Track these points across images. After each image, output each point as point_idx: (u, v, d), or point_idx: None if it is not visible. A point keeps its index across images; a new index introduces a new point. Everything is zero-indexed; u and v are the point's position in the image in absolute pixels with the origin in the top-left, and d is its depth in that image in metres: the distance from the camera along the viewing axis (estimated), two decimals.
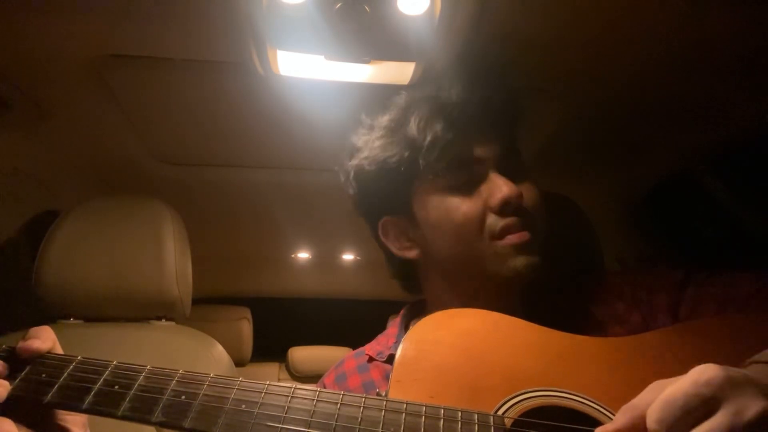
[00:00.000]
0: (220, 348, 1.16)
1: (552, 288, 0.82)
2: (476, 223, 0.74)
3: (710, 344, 0.63)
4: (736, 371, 0.45)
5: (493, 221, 0.74)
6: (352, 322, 2.88)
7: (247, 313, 2.87)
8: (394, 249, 0.85)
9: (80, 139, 1.26)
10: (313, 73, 0.93)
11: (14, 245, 1.32)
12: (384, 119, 0.81)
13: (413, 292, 0.90)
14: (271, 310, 3.02)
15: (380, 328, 0.95)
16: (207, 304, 2.71)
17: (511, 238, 0.73)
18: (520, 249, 0.73)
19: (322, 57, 0.86)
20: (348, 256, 2.32)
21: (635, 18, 0.79)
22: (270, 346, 3.07)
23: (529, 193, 0.76)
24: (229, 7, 0.77)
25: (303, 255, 2.32)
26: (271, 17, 0.80)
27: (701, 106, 1.02)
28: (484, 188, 0.75)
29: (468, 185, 0.75)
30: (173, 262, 1.14)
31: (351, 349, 0.95)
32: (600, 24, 0.81)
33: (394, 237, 0.84)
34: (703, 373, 0.45)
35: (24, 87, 1.03)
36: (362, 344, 0.93)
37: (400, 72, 0.92)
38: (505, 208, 0.73)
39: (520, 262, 0.72)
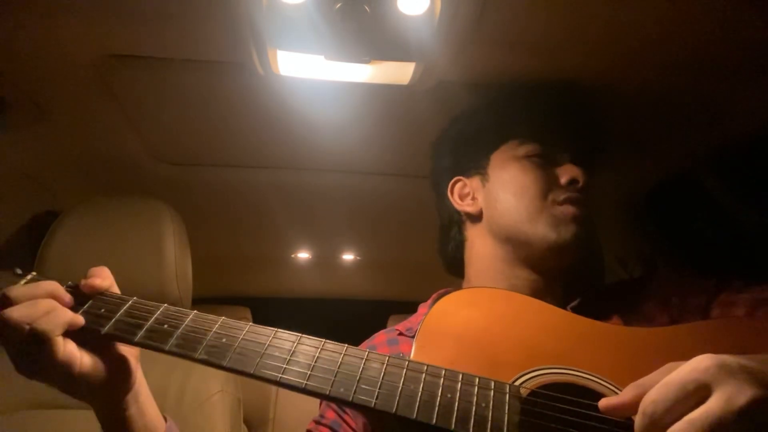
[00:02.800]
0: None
1: (582, 286, 0.86)
2: (544, 186, 0.83)
3: (729, 341, 0.64)
4: (732, 359, 0.47)
5: (559, 190, 0.83)
6: (352, 322, 2.88)
7: (247, 313, 2.86)
8: (455, 203, 0.93)
9: (80, 139, 1.26)
10: (313, 73, 0.93)
11: (14, 245, 1.32)
12: (487, 97, 0.94)
13: (453, 272, 0.97)
14: (271, 310, 3.02)
15: (380, 328, 0.95)
16: (207, 304, 2.70)
17: (570, 208, 0.81)
18: (574, 219, 0.81)
19: (322, 57, 0.86)
20: (348, 256, 2.32)
21: (635, 18, 0.79)
22: None
23: (590, 186, 0.86)
24: (229, 7, 0.77)
25: (303, 255, 2.31)
26: (271, 17, 0.80)
27: (702, 106, 1.02)
28: (556, 168, 0.86)
29: (545, 160, 0.86)
30: (173, 262, 1.14)
31: None
32: (600, 25, 0.81)
33: (460, 195, 0.94)
34: (701, 361, 0.47)
35: (24, 87, 1.03)
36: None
37: (400, 72, 0.92)
38: (572, 184, 0.83)
39: (571, 230, 0.80)
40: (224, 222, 1.83)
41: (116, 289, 0.72)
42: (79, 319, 0.64)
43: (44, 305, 0.62)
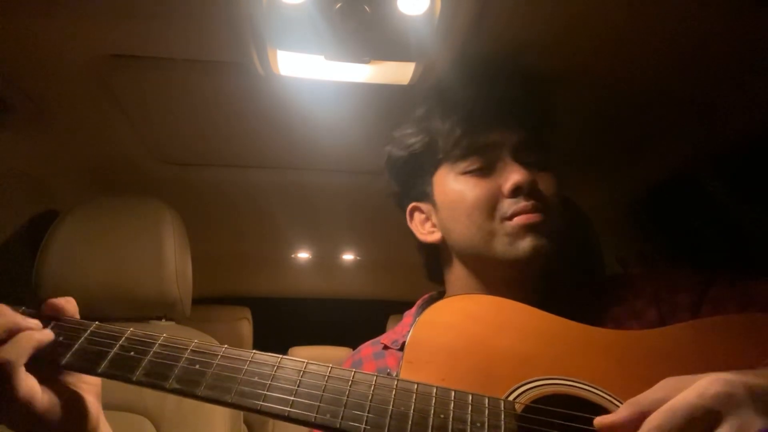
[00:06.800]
0: (219, 344, 1.16)
1: (568, 283, 0.83)
2: (488, 204, 0.77)
3: (724, 341, 0.63)
4: (740, 382, 0.46)
5: (505, 204, 0.77)
6: (352, 322, 2.88)
7: (247, 313, 2.87)
8: (417, 233, 0.89)
9: (80, 139, 1.26)
10: (313, 73, 0.93)
11: (14, 245, 1.32)
12: (417, 112, 0.87)
13: (436, 280, 0.93)
14: (271, 310, 3.02)
15: (380, 328, 0.95)
16: (207, 304, 2.70)
17: (520, 219, 0.75)
18: (528, 229, 0.75)
19: (322, 57, 0.86)
20: (348, 256, 2.32)
21: (636, 18, 0.79)
22: (270, 346, 3.05)
23: (544, 181, 0.78)
24: (229, 7, 0.77)
25: (303, 255, 2.32)
26: (271, 17, 0.80)
27: (702, 106, 1.02)
28: (498, 174, 0.78)
29: (484, 171, 0.79)
30: (173, 262, 1.14)
31: (351, 349, 0.96)
32: (600, 25, 0.81)
33: (419, 222, 0.89)
34: (710, 387, 0.45)
35: (24, 87, 1.03)
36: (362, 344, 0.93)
37: (400, 72, 0.92)
38: (516, 192, 0.76)
39: (527, 242, 0.74)
40: (224, 222, 1.83)
41: (76, 314, 0.65)
42: (48, 334, 0.58)
43: (5, 327, 0.56)
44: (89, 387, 0.64)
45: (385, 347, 0.87)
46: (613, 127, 1.14)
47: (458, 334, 0.64)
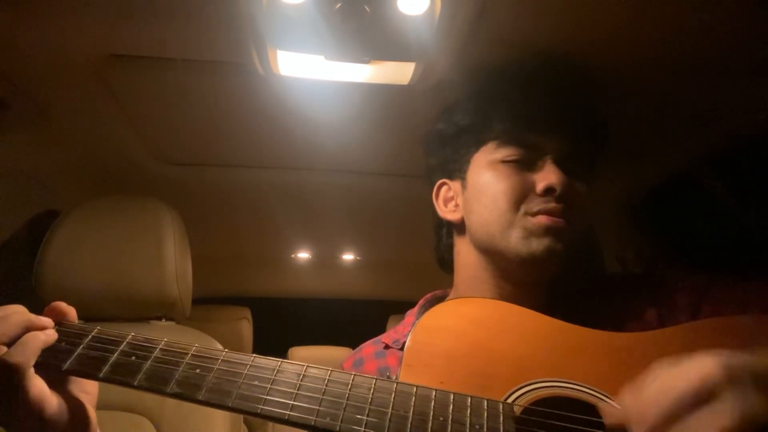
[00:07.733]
0: (220, 348, 1.16)
1: (570, 285, 0.83)
2: (517, 195, 0.77)
3: (724, 343, 0.63)
4: (736, 359, 0.46)
5: (534, 201, 0.77)
6: (352, 322, 2.88)
7: (247, 313, 2.87)
8: (439, 209, 0.90)
9: (80, 139, 1.26)
10: (313, 73, 0.93)
11: (14, 245, 1.32)
12: (471, 90, 0.89)
13: (444, 266, 0.94)
14: (271, 310, 3.02)
15: (380, 328, 0.95)
16: (207, 304, 2.70)
17: (544, 219, 0.75)
18: (549, 231, 0.75)
19: (322, 57, 0.86)
20: (348, 256, 2.32)
21: (637, 18, 0.80)
22: (270, 346, 3.07)
23: (577, 191, 0.78)
24: (229, 7, 0.77)
25: (303, 255, 2.32)
26: (271, 17, 0.80)
27: (702, 106, 1.02)
28: (535, 172, 0.79)
29: (522, 164, 0.79)
30: (173, 262, 1.14)
31: (351, 349, 0.96)
32: (600, 25, 0.81)
33: (443, 199, 0.90)
34: (705, 365, 0.46)
35: (24, 87, 1.03)
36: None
37: (400, 72, 0.92)
38: (548, 191, 0.76)
39: (543, 243, 0.74)
40: (224, 222, 1.83)
41: (75, 321, 0.65)
42: (53, 335, 0.58)
43: (21, 324, 0.56)
44: (89, 397, 0.64)
45: (387, 346, 0.88)
46: (613, 127, 1.14)
47: (457, 338, 0.65)
